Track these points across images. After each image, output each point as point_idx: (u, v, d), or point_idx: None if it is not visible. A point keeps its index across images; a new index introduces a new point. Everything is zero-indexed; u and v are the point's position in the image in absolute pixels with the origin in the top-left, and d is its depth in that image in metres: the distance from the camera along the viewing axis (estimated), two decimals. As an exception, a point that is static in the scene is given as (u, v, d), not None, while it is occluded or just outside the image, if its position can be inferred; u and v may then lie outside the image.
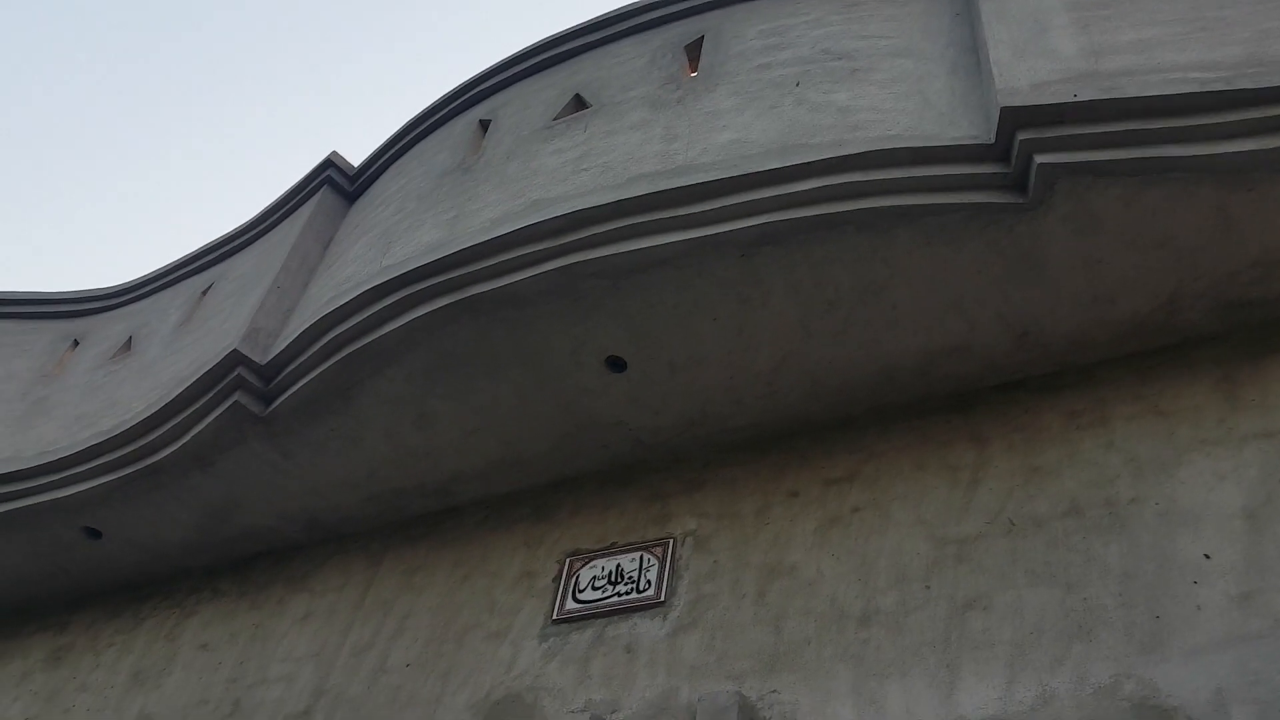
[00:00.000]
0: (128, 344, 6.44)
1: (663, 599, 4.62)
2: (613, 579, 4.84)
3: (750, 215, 4.22)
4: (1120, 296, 4.25)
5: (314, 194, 6.20)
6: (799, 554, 4.46)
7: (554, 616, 4.84)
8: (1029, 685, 3.62)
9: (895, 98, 4.31)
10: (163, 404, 5.56)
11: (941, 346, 4.51)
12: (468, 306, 4.80)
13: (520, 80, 5.87)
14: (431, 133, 6.03)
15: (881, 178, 4.11)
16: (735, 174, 4.27)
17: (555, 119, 5.31)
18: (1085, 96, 3.94)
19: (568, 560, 5.05)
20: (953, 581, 4.05)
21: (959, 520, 4.22)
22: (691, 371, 4.82)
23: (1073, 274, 4.17)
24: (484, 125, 5.77)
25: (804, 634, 4.18)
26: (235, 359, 5.35)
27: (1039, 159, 3.89)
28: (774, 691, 4.06)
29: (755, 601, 4.41)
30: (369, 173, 6.22)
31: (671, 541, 4.82)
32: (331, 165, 6.18)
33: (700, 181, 4.32)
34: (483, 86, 5.97)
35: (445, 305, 4.84)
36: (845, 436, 4.77)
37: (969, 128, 4.11)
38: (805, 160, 4.20)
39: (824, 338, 4.56)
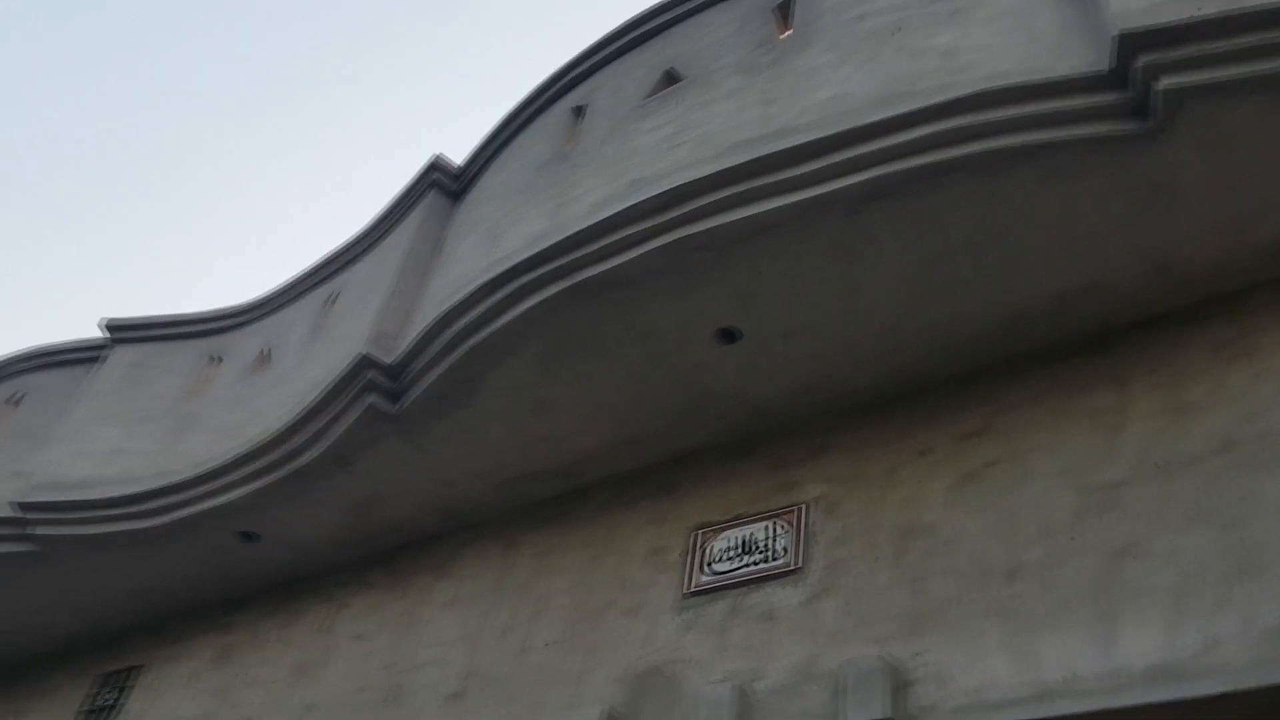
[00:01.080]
0: (264, 356, 6.67)
1: (797, 566, 4.54)
2: (743, 549, 4.77)
3: (856, 171, 4.06)
4: (1260, 218, 3.94)
5: (422, 197, 6.29)
6: (935, 513, 4.31)
7: (687, 590, 4.81)
8: (1193, 630, 3.43)
9: (1001, 34, 4.07)
10: (302, 411, 5.74)
11: (1073, 286, 4.27)
12: (577, 292, 4.79)
13: (610, 63, 5.82)
14: (527, 126, 6.03)
15: (994, 118, 3.91)
16: (837, 130, 4.12)
17: (648, 97, 5.23)
18: (1207, 11, 3.64)
19: (696, 534, 5.01)
20: (1102, 530, 3.86)
21: (1103, 466, 4.00)
22: (806, 336, 4.69)
23: (1208, 199, 3.89)
24: (578, 112, 5.74)
25: (947, 593, 4.05)
26: (365, 363, 5.47)
27: (1162, 83, 3.62)
28: (921, 653, 3.95)
29: (892, 564, 4.28)
30: (471, 171, 6.28)
31: (800, 508, 4.72)
32: (436, 168, 6.26)
33: (801, 142, 4.19)
34: (573, 74, 5.93)
35: (555, 293, 4.85)
36: (975, 389, 4.59)
37: (1083, 57, 3.85)
38: (910, 109, 4.03)
39: (944, 289, 4.37)
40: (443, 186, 6.29)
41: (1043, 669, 3.64)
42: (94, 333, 7.85)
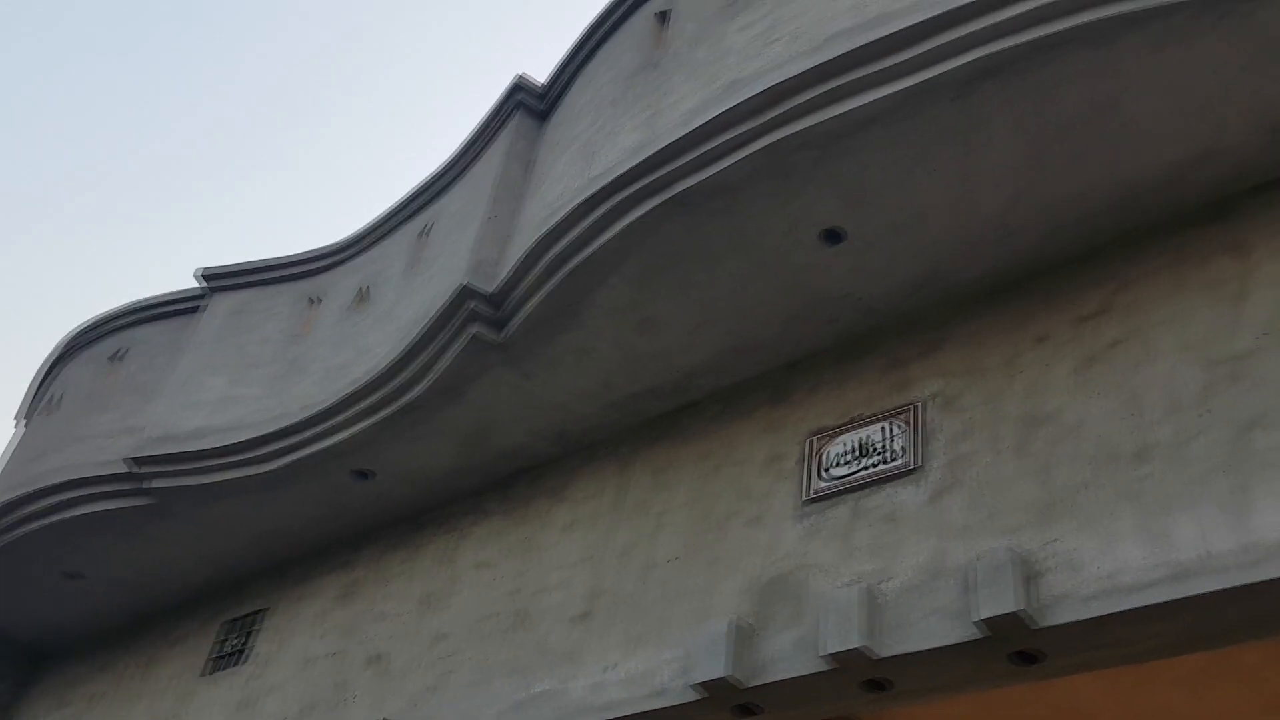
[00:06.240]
0: (363, 294, 7.33)
1: (916, 465, 4.96)
2: (859, 452, 5.20)
3: (961, 53, 4.41)
4: (1388, 68, 4.15)
5: (508, 120, 6.80)
6: (1058, 399, 4.68)
7: (807, 496, 5.28)
8: None
9: (1104, -104, 4.31)
10: (407, 346, 6.40)
11: (1187, 155, 4.59)
12: (677, 204, 5.26)
13: (691, -39, 6.13)
14: (611, 36, 6.44)
15: (1103, -16, 4.18)
16: (938, 11, 4.46)
17: (735, -6, 5.57)
18: None
19: (810, 440, 5.47)
20: (1231, 402, 4.18)
21: (1229, 338, 4.33)
22: (915, 229, 5.09)
23: (1328, 53, 4.12)
24: (662, 17, 6.11)
25: (1076, 479, 4.42)
26: (466, 293, 6.07)
27: (1275, -68, 3.85)
28: (1053, 541, 4.33)
29: (1017, 454, 4.67)
30: (556, 89, 6.74)
31: (916, 406, 5.14)
32: (520, 89, 6.72)
33: (902, 28, 4.53)
34: (654, -23, 6.27)
35: (655, 207, 5.33)
36: (1092, 269, 4.94)
37: (1192, -89, 4.09)
38: (1012, -19, 4.31)
39: (1057, 168, 4.72)
40: (529, 107, 6.78)
41: (1177, 549, 3.99)
42: (191, 284, 8.60)
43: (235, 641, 8.04)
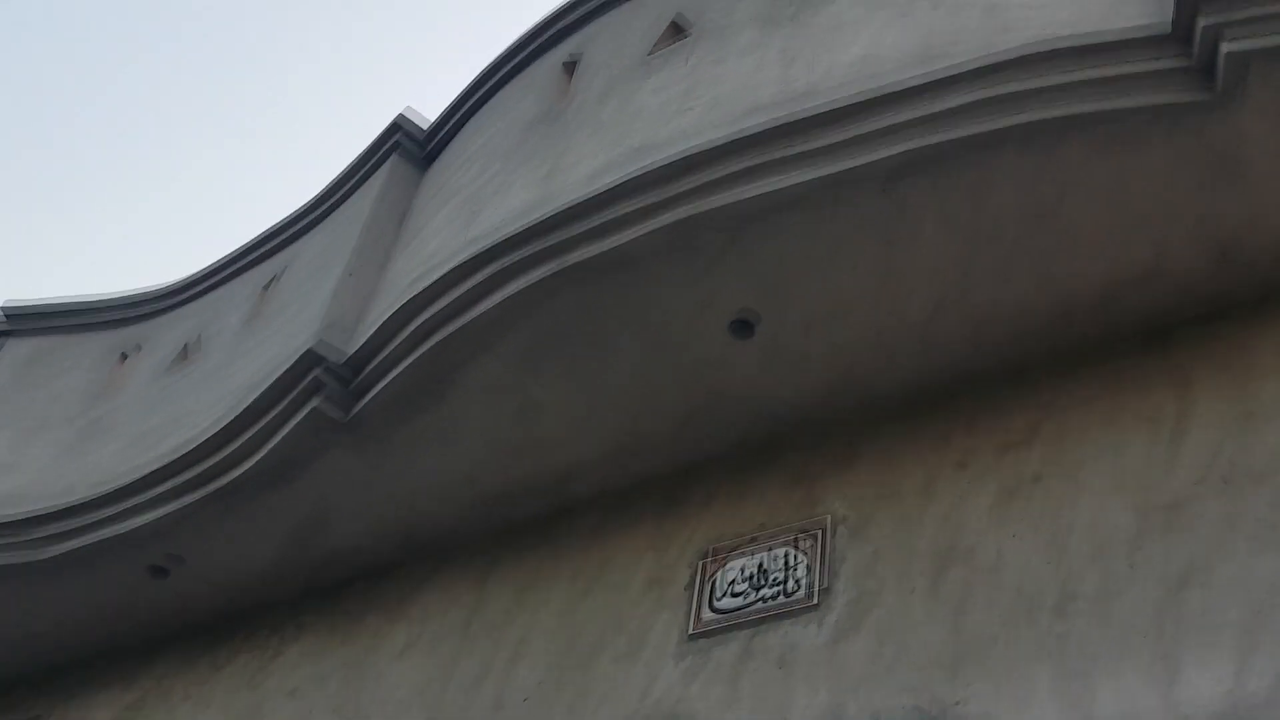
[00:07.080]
0: (189, 350, 7.34)
1: (816, 601, 5.11)
2: (755, 581, 5.37)
3: (890, 141, 4.75)
4: (1339, 199, 4.61)
5: (383, 162, 6.99)
6: (975, 535, 4.92)
7: (691, 630, 5.40)
8: (1264, 670, 3.94)
9: (1049, -12, 4.76)
10: (233, 416, 6.40)
11: (1127, 275, 4.96)
12: (570, 275, 5.46)
13: (606, 10, 6.52)
14: (510, 80, 6.74)
15: (1042, 84, 4.59)
16: (868, 95, 4.80)
17: (651, 52, 5.95)
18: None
19: (701, 563, 5.62)
20: (1162, 555, 4.41)
21: (1163, 481, 4.60)
22: (831, 329, 5.38)
23: (1278, 177, 4.56)
24: (569, 67, 6.44)
25: (989, 630, 4.60)
26: (311, 359, 6.13)
27: (1226, 47, 4.30)
28: (959, 702, 4.47)
29: (927, 595, 4.86)
30: (443, 132, 6.98)
31: (822, 531, 5.34)
32: (400, 129, 6.94)
33: (828, 108, 4.87)
34: (564, 23, 6.66)
35: (545, 276, 5.50)
36: (1019, 391, 5.23)
37: (1140, 14, 4.55)
38: (950, 72, 4.71)
39: (987, 275, 5.07)
40: (408, 150, 6.99)
41: (1097, 715, 4.17)
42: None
43: (-24, 767, 7.76)
